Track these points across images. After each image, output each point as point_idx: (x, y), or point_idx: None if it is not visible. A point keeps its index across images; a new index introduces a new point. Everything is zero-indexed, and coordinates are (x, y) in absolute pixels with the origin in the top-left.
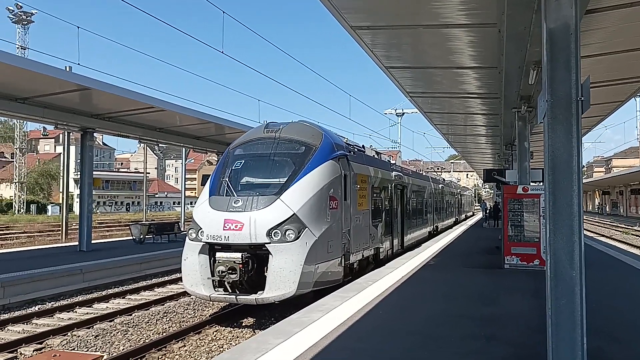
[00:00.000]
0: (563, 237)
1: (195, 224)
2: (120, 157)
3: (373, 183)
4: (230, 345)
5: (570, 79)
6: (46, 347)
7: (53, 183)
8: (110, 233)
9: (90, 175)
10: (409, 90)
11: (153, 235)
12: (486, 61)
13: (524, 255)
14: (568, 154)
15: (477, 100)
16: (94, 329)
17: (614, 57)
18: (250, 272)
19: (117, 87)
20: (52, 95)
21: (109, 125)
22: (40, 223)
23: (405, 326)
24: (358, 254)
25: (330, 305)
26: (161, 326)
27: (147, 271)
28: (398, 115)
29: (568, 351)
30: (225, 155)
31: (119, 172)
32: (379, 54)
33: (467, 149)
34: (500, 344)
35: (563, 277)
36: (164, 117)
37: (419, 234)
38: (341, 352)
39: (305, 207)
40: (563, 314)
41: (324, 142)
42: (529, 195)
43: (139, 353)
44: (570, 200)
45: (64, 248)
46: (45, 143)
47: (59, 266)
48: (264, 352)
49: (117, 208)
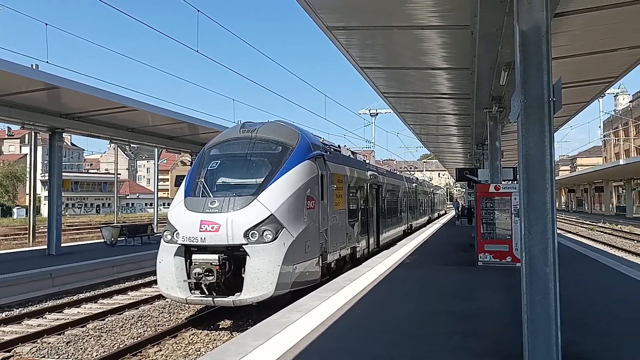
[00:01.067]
0: (537, 234)
1: (171, 226)
2: (89, 157)
3: (349, 183)
4: (207, 349)
5: (542, 79)
6: (15, 356)
7: (19, 185)
8: (80, 236)
9: (60, 176)
10: (383, 91)
11: (125, 238)
12: (458, 62)
13: (496, 252)
14: (541, 153)
15: (450, 100)
16: (65, 335)
17: (579, 60)
18: (227, 273)
19: (87, 86)
20: (19, 94)
21: (78, 125)
22: (5, 226)
23: (384, 324)
24: (335, 253)
25: (309, 305)
26: (136, 331)
27: (120, 274)
28: (372, 116)
29: (543, 345)
30: (201, 156)
31: (88, 173)
32: (353, 54)
33: (439, 149)
34: (476, 340)
35: (538, 273)
36: (136, 116)
37: (394, 232)
38: (321, 353)
39: (282, 207)
40: (538, 310)
41: (301, 142)
42: (501, 194)
43: (114, 359)
44: (544, 199)
45: (32, 252)
46: (10, 144)
47: (27, 271)
48: (244, 354)
49: (87, 210)
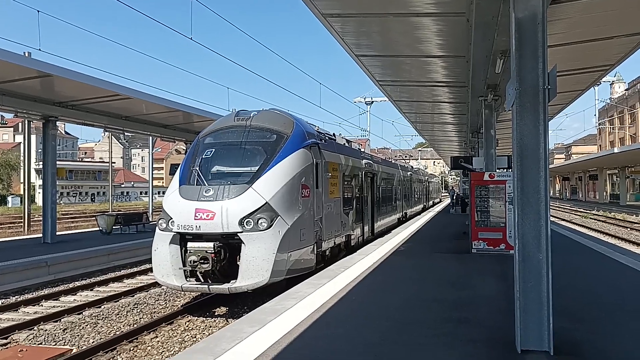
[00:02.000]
0: (530, 221)
1: (166, 214)
2: (83, 146)
3: (344, 171)
4: (203, 335)
5: (538, 67)
6: (12, 342)
7: (13, 174)
8: (75, 224)
9: (54, 165)
10: (379, 79)
11: (120, 226)
12: (454, 50)
13: (490, 239)
14: (535, 140)
15: (445, 88)
16: (62, 323)
17: (575, 47)
18: (222, 261)
19: (80, 74)
20: (11, 82)
21: (72, 114)
22: (0, 215)
23: (378, 311)
24: (330, 241)
25: (304, 292)
26: (132, 318)
27: (115, 262)
28: (367, 104)
29: (535, 331)
30: (195, 144)
31: (83, 162)
32: (349, 42)
33: (434, 137)
34: (472, 326)
35: (531, 260)
36: (130, 105)
37: (389, 220)
38: (316, 339)
39: (277, 195)
40: (530, 296)
41: (296, 130)
42: (496, 182)
43: (110, 345)
44: (537, 186)
45: (27, 240)
46: (3, 132)
47: (23, 259)
48: (239, 340)
49: (82, 199)
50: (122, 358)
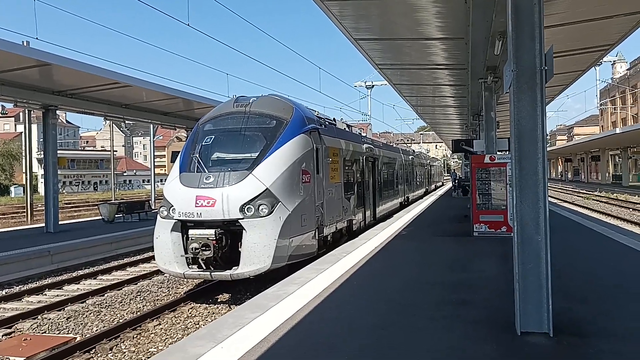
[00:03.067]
0: (529, 203)
1: (167, 202)
2: (85, 135)
3: (345, 156)
4: (206, 322)
5: (535, 48)
6: (16, 332)
7: (15, 163)
8: (78, 213)
9: (55, 154)
10: (378, 62)
11: (123, 215)
12: (453, 32)
13: (491, 222)
14: (533, 122)
15: (445, 71)
16: (65, 311)
17: (575, 27)
18: (224, 248)
19: (79, 63)
20: (10, 71)
21: (72, 102)
22: (3, 205)
23: (380, 294)
24: (331, 226)
25: (306, 277)
26: (135, 305)
27: (118, 251)
28: (368, 88)
29: (535, 312)
30: (195, 131)
31: (84, 151)
32: (347, 26)
33: (435, 120)
34: (472, 308)
35: (529, 242)
36: (129, 92)
37: (391, 205)
38: (317, 323)
39: (277, 181)
40: (530, 278)
41: (295, 115)
42: (496, 164)
43: (113, 333)
44: (536, 168)
45: (30, 230)
46: (5, 122)
47: (26, 248)
48: (241, 326)
49: (85, 187)
50: (125, 345)
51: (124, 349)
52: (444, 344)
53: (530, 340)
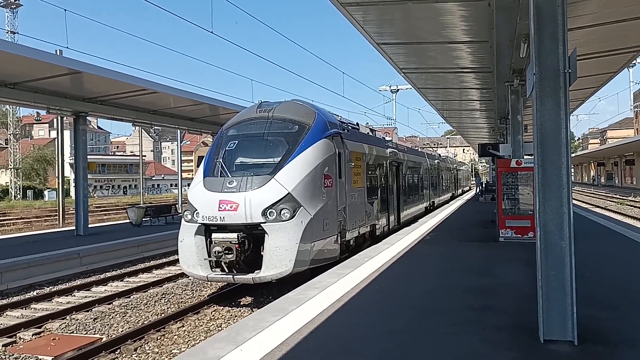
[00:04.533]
0: (552, 208)
1: (191, 206)
2: (115, 140)
3: (368, 160)
4: (228, 324)
5: (558, 51)
6: (45, 331)
7: (49, 168)
8: (107, 217)
9: (85, 159)
10: (402, 67)
11: (150, 218)
12: (478, 35)
13: (518, 228)
14: (556, 126)
15: (471, 74)
16: (93, 312)
17: (606, 28)
18: (246, 251)
19: (108, 70)
20: (43, 79)
21: (101, 109)
22: (37, 208)
23: (402, 300)
24: (354, 231)
25: (327, 282)
26: (159, 307)
27: (145, 254)
28: (393, 92)
29: (559, 320)
30: (219, 136)
31: (114, 156)
32: (370, 31)
33: (462, 124)
34: (495, 314)
35: (553, 248)
36: (157, 99)
37: (415, 209)
38: (337, 327)
39: (299, 186)
40: (553, 284)
41: (317, 120)
42: (523, 169)
43: (138, 334)
44: (559, 173)
45: (61, 233)
46: (40, 128)
47: (57, 251)
48: (261, 329)
49: (115, 192)
50: (149, 347)
51: (147, 350)
52: (466, 350)
53: (553, 348)
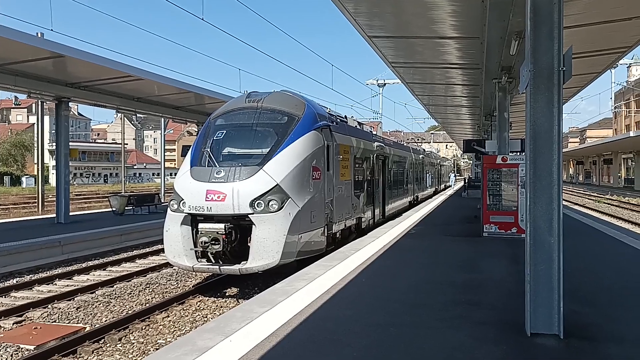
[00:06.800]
0: (542, 204)
1: (177, 195)
2: (96, 127)
3: (355, 153)
4: (214, 315)
5: (553, 49)
6: (26, 320)
7: (27, 154)
8: (88, 205)
9: (67, 146)
10: (392, 61)
11: (133, 207)
12: (468, 31)
13: (502, 223)
14: (549, 123)
15: (459, 70)
16: (75, 301)
17: (592, 29)
18: (233, 242)
19: (93, 55)
20: (24, 62)
21: (84, 95)
22: (14, 195)
23: (389, 293)
24: (341, 223)
25: (314, 274)
26: (144, 297)
27: (127, 243)
28: (380, 86)
29: (546, 314)
30: (207, 126)
31: (95, 143)
32: (361, 23)
33: (447, 120)
34: (481, 309)
35: (542, 243)
36: (142, 86)
37: (400, 203)
38: (326, 320)
39: (288, 177)
40: (541, 279)
41: (307, 112)
42: (508, 165)
43: (122, 324)
44: (550, 169)
45: (41, 220)
46: (17, 113)
47: (37, 238)
48: (249, 320)
49: (95, 179)
50: (134, 337)
51: (132, 340)
52: (453, 344)
53: (540, 342)
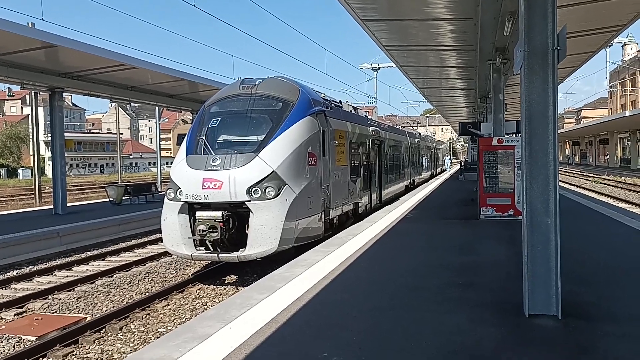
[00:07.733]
0: (539, 185)
1: (174, 184)
2: (91, 117)
3: (351, 139)
4: (214, 303)
5: (547, 28)
6: (27, 311)
7: (22, 146)
8: (85, 195)
9: (62, 136)
10: (385, 44)
11: (130, 197)
12: (462, 12)
13: (498, 205)
14: (544, 103)
15: (453, 52)
16: (75, 292)
17: (586, 7)
18: (231, 230)
19: (85, 44)
20: (16, 53)
21: (78, 85)
22: (11, 187)
23: (387, 277)
24: (338, 209)
25: (312, 260)
26: (143, 286)
27: (126, 232)
28: (374, 70)
29: (543, 295)
30: (201, 113)
31: (91, 133)
32: (354, 6)
33: (442, 103)
34: (478, 291)
35: (539, 224)
36: (135, 75)
37: (397, 188)
38: (325, 305)
39: (284, 164)
40: (539, 261)
41: (301, 98)
42: (504, 147)
43: (123, 313)
44: (546, 150)
45: (39, 212)
46: (11, 104)
47: (35, 230)
48: (249, 307)
49: (91, 170)
50: (135, 325)
51: (133, 328)
52: (452, 326)
53: (538, 322)
